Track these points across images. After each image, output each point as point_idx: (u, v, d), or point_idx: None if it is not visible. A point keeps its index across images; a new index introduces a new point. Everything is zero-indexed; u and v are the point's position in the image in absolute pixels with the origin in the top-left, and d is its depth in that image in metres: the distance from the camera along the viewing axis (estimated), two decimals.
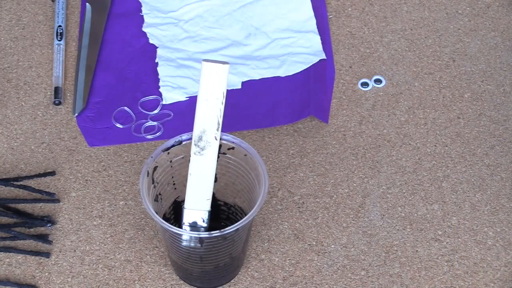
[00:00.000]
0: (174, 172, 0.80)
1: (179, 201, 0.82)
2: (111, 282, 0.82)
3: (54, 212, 0.87)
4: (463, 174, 0.91)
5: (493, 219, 0.88)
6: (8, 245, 0.85)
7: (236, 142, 0.79)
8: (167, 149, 0.79)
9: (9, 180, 0.89)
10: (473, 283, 0.83)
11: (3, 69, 1.00)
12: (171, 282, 0.82)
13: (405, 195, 0.89)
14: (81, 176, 0.90)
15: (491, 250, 0.85)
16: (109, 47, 1.02)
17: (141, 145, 0.93)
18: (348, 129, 0.95)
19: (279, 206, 0.88)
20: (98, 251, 0.84)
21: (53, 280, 0.82)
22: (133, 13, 1.06)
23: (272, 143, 0.93)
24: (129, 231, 0.86)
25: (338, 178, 0.90)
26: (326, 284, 0.82)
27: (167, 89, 0.97)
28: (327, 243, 0.85)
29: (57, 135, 0.94)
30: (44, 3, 1.07)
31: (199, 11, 1.06)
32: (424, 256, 0.84)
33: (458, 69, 1.01)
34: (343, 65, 1.01)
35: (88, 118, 0.95)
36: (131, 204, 0.88)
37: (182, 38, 1.03)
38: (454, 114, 0.96)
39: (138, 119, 0.95)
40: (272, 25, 1.04)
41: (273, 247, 0.85)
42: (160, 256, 0.84)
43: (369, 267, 0.84)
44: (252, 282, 0.83)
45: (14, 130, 0.94)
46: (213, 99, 0.73)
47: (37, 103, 0.97)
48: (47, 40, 1.03)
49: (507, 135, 0.94)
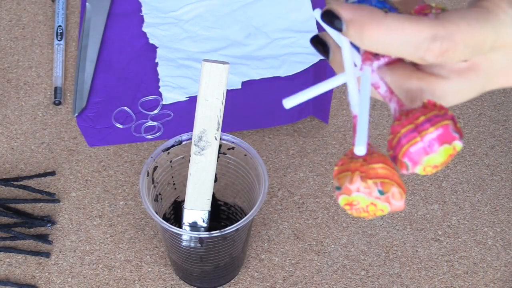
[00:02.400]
0: (174, 172, 0.80)
1: (179, 201, 0.82)
2: (111, 282, 0.82)
3: (54, 212, 0.87)
4: (463, 174, 0.91)
5: (493, 219, 0.88)
6: (8, 245, 0.85)
7: (236, 142, 0.79)
8: (167, 149, 0.79)
9: (9, 180, 0.89)
10: (473, 283, 0.83)
11: (3, 69, 1.00)
12: (171, 282, 0.83)
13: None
14: (81, 176, 0.90)
15: (491, 250, 0.85)
16: (109, 47, 1.02)
17: (141, 145, 0.93)
18: (348, 129, 0.95)
19: (279, 206, 0.88)
20: (98, 251, 0.84)
21: (53, 280, 0.82)
22: (133, 13, 1.06)
23: (272, 143, 0.93)
24: (129, 231, 0.86)
25: None
26: (326, 284, 0.83)
27: (167, 89, 0.97)
28: (327, 243, 0.85)
29: (57, 135, 0.94)
30: (44, 3, 1.07)
31: (199, 11, 1.06)
32: (424, 256, 0.84)
33: None
34: None
35: (88, 118, 0.95)
36: (131, 204, 0.88)
37: (182, 38, 1.03)
38: (454, 114, 0.96)
39: (138, 119, 0.95)
40: (272, 25, 1.04)
41: (273, 247, 0.85)
42: (160, 256, 0.84)
43: (369, 267, 0.84)
44: (252, 282, 0.83)
45: (14, 130, 0.94)
46: (213, 99, 0.73)
47: (37, 103, 0.97)
48: (47, 40, 1.03)
49: (507, 135, 0.94)
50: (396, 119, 0.45)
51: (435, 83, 0.46)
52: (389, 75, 0.47)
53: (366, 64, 0.46)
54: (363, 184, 0.44)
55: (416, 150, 0.44)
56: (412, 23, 0.43)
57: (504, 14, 0.44)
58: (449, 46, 0.43)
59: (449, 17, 0.44)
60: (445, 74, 0.46)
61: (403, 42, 0.43)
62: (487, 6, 0.44)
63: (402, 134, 0.44)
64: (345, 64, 0.46)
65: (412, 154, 0.44)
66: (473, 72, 0.46)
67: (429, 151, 0.44)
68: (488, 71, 0.46)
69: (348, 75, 0.46)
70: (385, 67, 0.47)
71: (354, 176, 0.44)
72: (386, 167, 0.45)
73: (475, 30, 0.43)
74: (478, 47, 0.44)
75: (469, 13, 0.44)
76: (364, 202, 0.45)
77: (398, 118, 0.45)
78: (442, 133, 0.44)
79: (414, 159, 0.44)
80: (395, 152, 0.45)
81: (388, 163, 0.45)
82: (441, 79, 0.46)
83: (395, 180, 0.45)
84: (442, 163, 0.44)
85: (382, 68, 0.47)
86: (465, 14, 0.44)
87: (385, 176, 0.44)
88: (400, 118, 0.45)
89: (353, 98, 0.46)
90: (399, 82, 0.46)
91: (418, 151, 0.44)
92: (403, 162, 0.44)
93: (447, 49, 0.43)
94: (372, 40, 0.44)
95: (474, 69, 0.46)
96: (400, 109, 0.45)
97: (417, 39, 0.43)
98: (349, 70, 0.46)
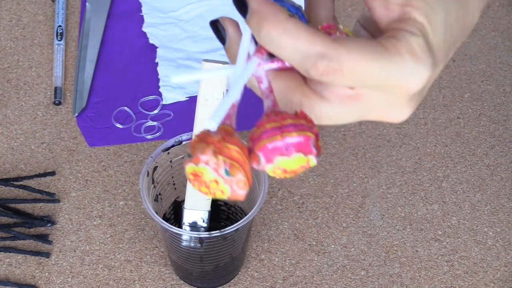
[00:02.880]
0: (174, 172, 0.80)
1: (179, 201, 0.82)
2: (111, 282, 0.82)
3: (54, 212, 0.87)
4: (463, 174, 0.91)
5: (493, 219, 0.88)
6: (8, 245, 0.85)
7: None
8: (167, 149, 0.79)
9: (9, 180, 0.89)
10: (473, 283, 0.83)
11: (3, 69, 1.00)
12: (171, 282, 0.82)
13: (405, 195, 0.89)
14: (81, 176, 0.90)
15: (491, 250, 0.85)
16: (109, 47, 1.02)
17: (141, 145, 0.93)
18: (348, 129, 0.95)
19: (279, 206, 0.88)
20: (98, 251, 0.84)
21: (53, 280, 0.82)
22: (133, 13, 1.06)
23: None
24: (129, 231, 0.86)
25: (338, 178, 0.90)
26: (326, 284, 0.82)
27: (167, 89, 0.97)
28: (327, 243, 0.85)
29: (57, 135, 0.94)
30: (44, 3, 1.07)
31: (199, 11, 1.06)
32: (424, 256, 0.84)
33: (458, 69, 1.01)
34: None
35: (88, 118, 0.95)
36: (131, 204, 0.88)
37: (182, 38, 1.03)
38: (454, 114, 0.96)
39: (138, 119, 0.95)
40: None
41: (273, 247, 0.85)
42: (160, 256, 0.84)
43: (369, 267, 0.84)
44: (252, 282, 0.83)
45: (14, 130, 0.94)
46: (213, 99, 0.73)
47: (37, 103, 0.97)
48: (47, 40, 1.03)
49: (507, 135, 0.94)
50: (265, 115, 0.46)
51: (315, 102, 0.46)
52: (277, 80, 0.47)
53: (257, 56, 0.47)
54: (213, 159, 0.45)
55: (273, 147, 0.44)
56: (308, 34, 0.44)
57: (400, 58, 0.44)
58: (335, 68, 0.43)
59: (345, 41, 0.44)
60: (327, 96, 0.46)
61: (294, 50, 0.44)
62: (386, 45, 0.44)
63: (265, 129, 0.45)
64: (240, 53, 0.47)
65: (268, 150, 0.45)
66: (354, 101, 0.46)
67: (284, 153, 0.44)
68: (369, 104, 0.46)
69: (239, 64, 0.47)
70: (275, 72, 0.47)
71: (208, 148, 0.45)
72: (240, 153, 0.45)
73: (365, 62, 0.43)
74: (365, 80, 0.44)
75: (367, 44, 0.44)
76: (208, 177, 0.45)
77: (267, 114, 0.46)
78: (302, 142, 0.44)
79: (268, 155, 0.45)
80: (253, 144, 0.45)
81: (244, 151, 0.45)
82: (322, 99, 0.46)
83: (244, 169, 0.45)
84: (293, 170, 0.45)
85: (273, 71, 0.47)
86: (362, 44, 0.44)
87: (236, 159, 0.45)
88: (269, 115, 0.46)
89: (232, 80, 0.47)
90: (284, 91, 0.47)
91: (274, 149, 0.44)
92: (256, 155, 0.45)
93: (333, 71, 0.43)
94: (267, 36, 0.44)
95: (356, 99, 0.46)
96: (272, 108, 0.46)
97: (307, 52, 0.44)
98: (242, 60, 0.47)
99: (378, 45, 0.44)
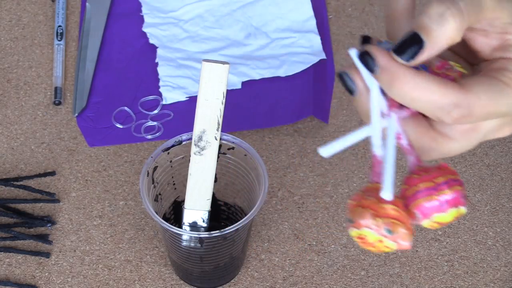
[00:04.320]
0: (174, 172, 0.80)
1: (179, 201, 0.82)
2: (111, 282, 0.82)
3: (54, 212, 0.87)
4: (463, 174, 0.91)
5: (493, 219, 0.88)
6: (8, 245, 0.85)
7: (236, 142, 0.79)
8: (167, 149, 0.79)
9: (9, 180, 0.89)
10: (473, 283, 0.83)
11: (3, 69, 1.00)
12: (171, 282, 0.83)
13: None
14: (81, 176, 0.90)
15: (491, 250, 0.85)
16: (109, 47, 1.02)
17: (141, 145, 0.93)
18: (348, 129, 0.95)
19: (279, 206, 0.88)
20: (98, 251, 0.84)
21: (53, 280, 0.82)
22: (133, 13, 1.06)
23: (272, 143, 0.93)
24: (129, 231, 0.86)
25: (338, 178, 0.90)
26: (326, 284, 0.83)
27: (167, 89, 0.97)
28: (327, 243, 0.85)
29: (57, 135, 0.94)
30: (44, 3, 1.07)
31: (199, 11, 1.06)
32: (424, 256, 0.84)
33: None
34: (343, 65, 1.01)
35: (88, 118, 0.95)
36: (131, 204, 0.88)
37: (182, 38, 1.03)
38: None
39: (138, 119, 0.95)
40: (272, 25, 1.04)
41: (273, 247, 0.85)
42: (160, 256, 0.84)
43: (369, 267, 0.84)
44: (252, 282, 0.83)
45: (14, 130, 0.94)
46: (213, 99, 0.73)
47: (37, 103, 0.97)
48: (47, 40, 1.03)
49: (507, 135, 0.94)
50: (413, 172, 0.50)
51: (443, 144, 0.50)
52: (407, 127, 0.51)
53: (393, 112, 0.50)
54: (373, 222, 0.48)
55: (430, 206, 0.49)
56: (439, 87, 0.47)
57: None
58: (468, 114, 0.48)
59: (472, 87, 0.48)
60: (452, 135, 0.50)
61: (428, 102, 0.47)
62: (503, 80, 0.48)
63: (420, 188, 0.49)
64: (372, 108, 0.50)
65: (426, 208, 0.49)
66: (476, 132, 0.50)
67: (441, 210, 0.49)
68: (487, 130, 0.50)
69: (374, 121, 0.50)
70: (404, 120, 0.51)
71: (366, 212, 0.48)
72: (396, 209, 0.48)
73: (494, 105, 0.48)
74: (491, 117, 0.49)
75: (490, 85, 0.48)
76: (372, 238, 0.49)
77: (416, 172, 0.50)
78: (455, 197, 0.49)
79: (425, 212, 0.49)
80: (407, 202, 0.49)
81: (399, 205, 0.49)
82: (449, 140, 0.50)
83: (403, 222, 0.49)
84: (447, 222, 0.49)
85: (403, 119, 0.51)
86: (486, 86, 0.48)
87: (394, 217, 0.48)
88: (419, 173, 0.49)
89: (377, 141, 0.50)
90: (415, 138, 0.51)
91: (432, 208, 0.49)
92: (413, 213, 0.49)
93: (465, 116, 0.48)
94: (400, 91, 0.48)
95: (477, 130, 0.50)
96: (417, 164, 0.50)
97: (442, 103, 0.47)
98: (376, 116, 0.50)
99: (500, 83, 0.48)
